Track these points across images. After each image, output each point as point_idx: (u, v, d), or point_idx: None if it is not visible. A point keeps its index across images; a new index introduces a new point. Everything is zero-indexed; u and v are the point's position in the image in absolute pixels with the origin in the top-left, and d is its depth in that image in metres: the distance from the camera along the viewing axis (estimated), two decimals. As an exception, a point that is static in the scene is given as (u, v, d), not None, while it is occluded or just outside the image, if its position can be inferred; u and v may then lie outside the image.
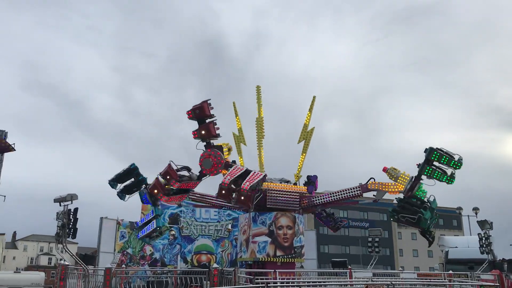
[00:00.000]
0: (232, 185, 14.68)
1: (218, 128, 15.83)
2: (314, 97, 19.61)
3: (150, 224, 16.36)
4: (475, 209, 35.82)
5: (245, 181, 14.70)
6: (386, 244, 77.12)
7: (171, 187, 16.60)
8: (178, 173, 16.27)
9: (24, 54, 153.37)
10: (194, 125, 15.81)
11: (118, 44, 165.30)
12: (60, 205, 15.79)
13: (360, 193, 16.87)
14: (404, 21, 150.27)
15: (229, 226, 24.97)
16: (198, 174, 16.79)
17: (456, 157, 14.61)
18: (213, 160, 15.38)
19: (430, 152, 14.69)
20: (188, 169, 16.76)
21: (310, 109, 19.42)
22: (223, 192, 14.65)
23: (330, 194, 17.58)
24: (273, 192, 17.31)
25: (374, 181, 16.45)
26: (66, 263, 16.06)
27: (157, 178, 16.18)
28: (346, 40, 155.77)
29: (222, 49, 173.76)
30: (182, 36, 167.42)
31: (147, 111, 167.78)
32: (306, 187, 18.36)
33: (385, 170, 15.90)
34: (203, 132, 15.58)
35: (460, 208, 40.64)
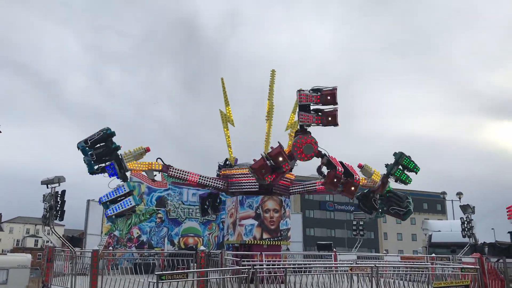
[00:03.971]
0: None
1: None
2: (273, 70, 18.79)
3: (124, 201, 14.74)
4: (459, 194, 36.41)
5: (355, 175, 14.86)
6: (370, 227, 78.17)
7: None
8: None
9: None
10: (170, 107, 15.15)
11: (90, 21, 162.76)
12: (47, 187, 15.72)
13: None
14: (381, 2, 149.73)
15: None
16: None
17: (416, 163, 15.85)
18: (314, 145, 14.17)
19: (401, 157, 15.62)
20: None
21: (271, 85, 18.69)
22: (335, 180, 14.26)
23: (307, 184, 18.11)
24: (236, 176, 17.58)
25: None
26: (53, 245, 16.08)
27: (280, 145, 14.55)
28: (323, 21, 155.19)
29: (197, 29, 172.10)
30: (155, 14, 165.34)
31: (122, 92, 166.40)
32: None
33: (360, 166, 16.33)
34: (329, 119, 14.23)
35: (444, 193, 41.25)
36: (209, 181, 17.63)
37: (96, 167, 14.74)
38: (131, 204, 14.70)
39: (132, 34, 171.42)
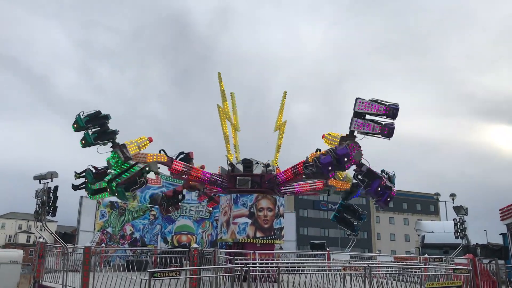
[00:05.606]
0: None
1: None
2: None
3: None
4: (452, 195, 36.61)
5: None
6: (364, 227, 78.38)
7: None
8: None
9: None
10: (161, 104, 15.25)
11: (79, 17, 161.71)
12: (39, 183, 15.61)
13: None
14: (373, 2, 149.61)
15: (210, 208, 25.03)
16: None
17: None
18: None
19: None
20: None
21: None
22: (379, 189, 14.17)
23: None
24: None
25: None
26: (45, 241, 15.97)
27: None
28: (315, 19, 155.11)
29: (187, 26, 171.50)
30: (145, 10, 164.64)
31: (112, 89, 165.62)
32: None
33: (323, 137, 15.74)
34: (385, 131, 13.70)
35: (438, 194, 41.46)
36: (211, 177, 17.56)
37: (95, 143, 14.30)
38: (138, 168, 14.49)
39: (122, 30, 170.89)
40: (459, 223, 21.84)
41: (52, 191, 15.81)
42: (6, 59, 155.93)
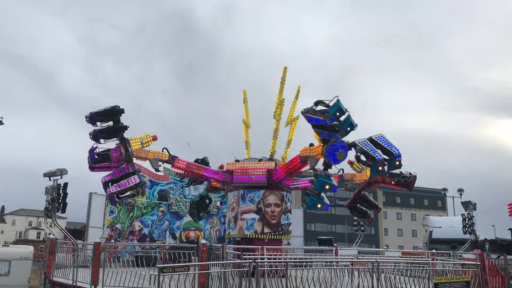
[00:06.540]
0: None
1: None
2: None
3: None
4: (460, 190, 36.45)
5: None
6: (371, 223, 78.11)
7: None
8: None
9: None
10: (165, 100, 15.21)
11: (84, 13, 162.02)
12: (49, 180, 15.77)
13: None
14: None
15: (218, 203, 25.15)
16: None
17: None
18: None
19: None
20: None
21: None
22: None
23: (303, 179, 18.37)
24: (237, 171, 17.52)
25: (344, 172, 18.09)
26: (55, 237, 16.14)
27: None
28: (319, 14, 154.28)
29: (191, 21, 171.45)
30: (149, 6, 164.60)
31: (117, 84, 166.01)
32: (273, 162, 17.91)
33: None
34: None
35: (445, 189, 41.25)
36: (213, 174, 17.61)
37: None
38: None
39: (126, 26, 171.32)
40: (467, 218, 21.83)
41: (61, 188, 15.97)
42: (12, 57, 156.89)
